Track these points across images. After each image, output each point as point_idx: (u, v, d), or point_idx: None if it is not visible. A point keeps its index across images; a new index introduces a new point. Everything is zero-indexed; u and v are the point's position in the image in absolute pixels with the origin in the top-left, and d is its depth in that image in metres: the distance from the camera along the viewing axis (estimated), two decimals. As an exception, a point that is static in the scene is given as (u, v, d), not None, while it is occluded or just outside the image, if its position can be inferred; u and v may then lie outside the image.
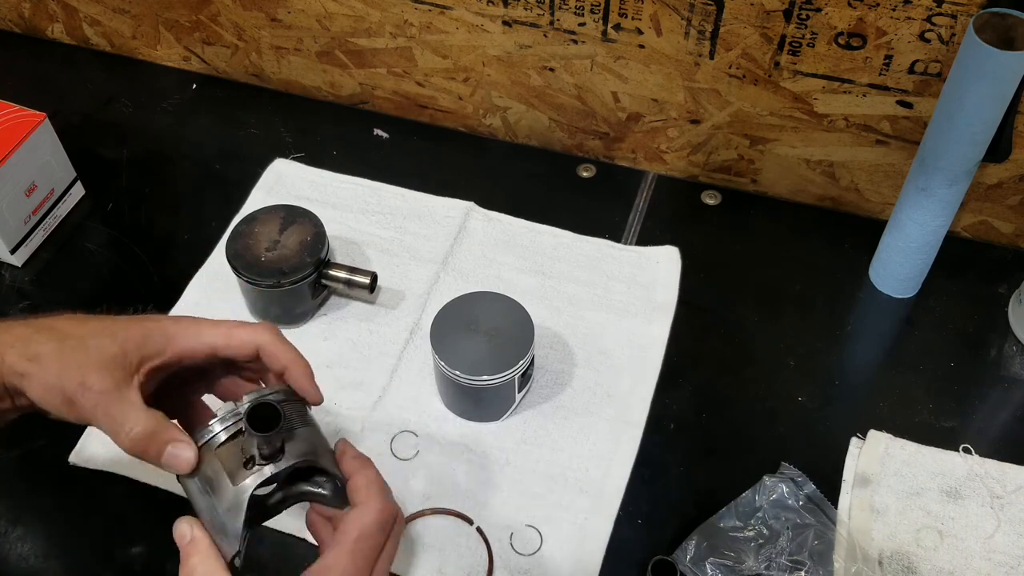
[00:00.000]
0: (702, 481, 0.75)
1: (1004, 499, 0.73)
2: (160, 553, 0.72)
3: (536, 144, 1.01)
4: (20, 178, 0.88)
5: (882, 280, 0.87)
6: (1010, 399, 0.80)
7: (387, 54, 0.98)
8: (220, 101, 1.07)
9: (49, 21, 1.12)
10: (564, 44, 0.90)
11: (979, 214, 0.89)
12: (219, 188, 0.97)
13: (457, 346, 0.75)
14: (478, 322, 0.76)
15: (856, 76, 0.82)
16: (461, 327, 0.76)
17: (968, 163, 0.75)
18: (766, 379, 0.81)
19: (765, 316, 0.86)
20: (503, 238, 0.91)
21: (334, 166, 0.98)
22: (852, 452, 0.76)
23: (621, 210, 0.94)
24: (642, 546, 0.71)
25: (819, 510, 0.71)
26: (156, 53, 1.10)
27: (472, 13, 0.91)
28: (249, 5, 0.99)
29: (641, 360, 0.82)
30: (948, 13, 0.75)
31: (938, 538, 0.72)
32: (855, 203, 0.93)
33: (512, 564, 0.71)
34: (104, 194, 0.97)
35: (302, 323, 0.85)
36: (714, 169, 0.95)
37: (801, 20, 0.80)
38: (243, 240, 0.83)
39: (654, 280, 0.88)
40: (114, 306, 0.87)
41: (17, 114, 0.89)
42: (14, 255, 0.90)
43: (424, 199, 0.95)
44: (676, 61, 0.87)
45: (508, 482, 0.75)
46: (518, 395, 0.77)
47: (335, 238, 0.90)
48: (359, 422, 0.79)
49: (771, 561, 0.69)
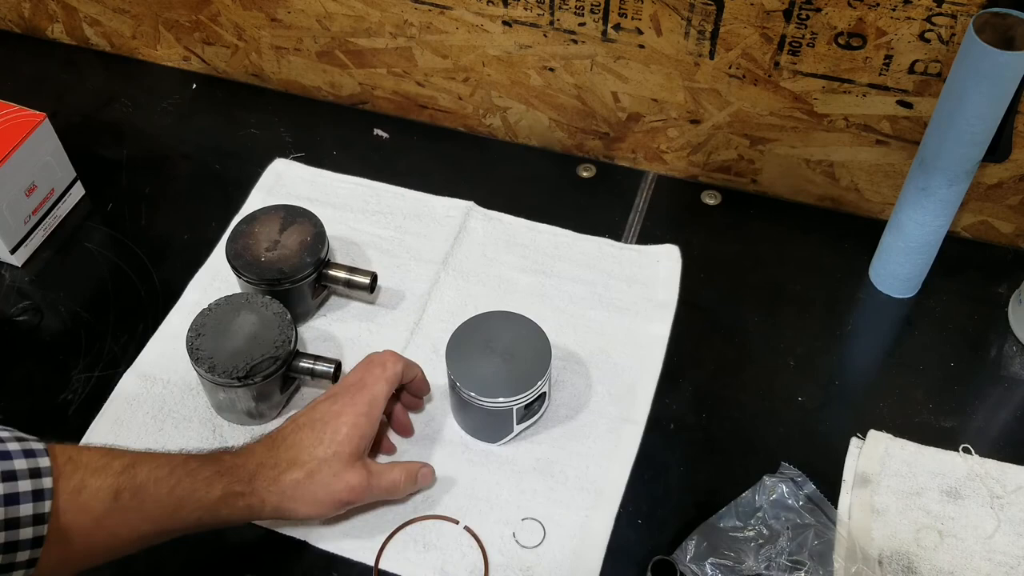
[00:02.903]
0: (702, 481, 0.75)
1: (1004, 499, 0.73)
2: (160, 553, 0.72)
3: (536, 144, 1.01)
4: (20, 178, 0.88)
5: (882, 280, 0.87)
6: (1010, 399, 0.80)
7: (387, 54, 0.98)
8: (220, 101, 1.07)
9: (49, 21, 1.12)
10: (564, 44, 0.90)
11: (979, 214, 0.89)
12: (219, 188, 0.97)
13: (472, 365, 0.74)
14: (495, 342, 0.75)
15: (856, 76, 0.82)
16: (478, 345, 0.75)
17: (968, 163, 0.75)
18: (766, 379, 0.81)
19: (765, 316, 0.86)
20: (503, 238, 0.91)
21: (334, 166, 0.98)
22: (852, 452, 0.76)
23: (621, 210, 0.94)
24: (642, 546, 0.71)
25: (819, 510, 0.71)
26: (156, 53, 1.10)
27: (472, 13, 0.91)
28: (249, 5, 0.99)
29: (641, 359, 0.82)
30: (948, 13, 0.75)
31: (938, 538, 0.72)
32: (855, 203, 0.93)
33: (515, 560, 0.71)
34: (104, 194, 0.97)
35: (302, 323, 0.85)
36: (714, 169, 0.95)
37: (801, 20, 0.80)
38: (243, 240, 0.83)
39: (654, 279, 0.88)
40: (114, 306, 0.88)
41: (17, 114, 0.89)
42: (14, 255, 0.90)
43: (424, 199, 0.95)
44: (676, 61, 0.87)
45: (509, 480, 0.75)
46: (516, 426, 0.76)
47: (335, 238, 0.89)
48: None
49: (771, 561, 0.69)
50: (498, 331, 0.76)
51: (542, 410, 0.78)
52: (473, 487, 0.75)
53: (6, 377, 0.83)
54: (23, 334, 0.86)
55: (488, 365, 0.74)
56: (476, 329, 0.76)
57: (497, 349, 0.75)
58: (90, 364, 0.83)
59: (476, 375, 0.73)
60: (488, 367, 0.74)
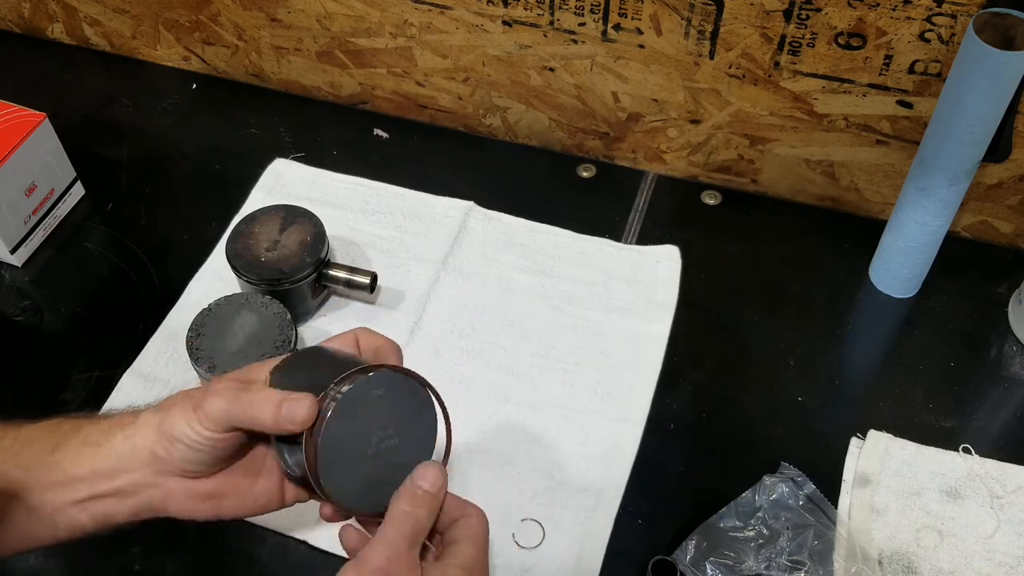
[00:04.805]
0: (702, 481, 0.75)
1: (1004, 499, 0.73)
2: (160, 553, 0.72)
3: (536, 144, 1.01)
4: (20, 178, 0.88)
5: (882, 280, 0.87)
6: (1010, 399, 0.80)
7: (387, 54, 0.98)
8: (220, 101, 1.07)
9: (49, 21, 1.12)
10: (564, 44, 0.90)
11: (979, 214, 0.89)
12: (219, 188, 0.97)
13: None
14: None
15: (856, 76, 0.82)
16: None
17: (968, 163, 0.75)
18: (766, 379, 0.81)
19: (765, 316, 0.86)
20: (503, 238, 0.91)
21: (334, 166, 0.98)
22: (852, 452, 0.76)
23: (621, 210, 0.94)
24: (642, 546, 0.71)
25: (819, 510, 0.71)
26: (156, 53, 1.10)
27: (472, 13, 0.91)
28: (249, 5, 0.99)
29: (641, 359, 0.82)
30: (948, 13, 0.75)
31: (938, 538, 0.72)
32: (855, 203, 0.93)
33: (515, 561, 0.71)
34: (104, 194, 0.97)
35: (302, 323, 0.85)
36: (714, 169, 0.95)
37: (801, 20, 0.80)
38: (243, 240, 0.83)
39: (654, 279, 0.88)
40: (114, 306, 0.88)
41: (17, 114, 0.89)
42: (14, 255, 0.90)
43: (424, 199, 0.95)
44: (676, 61, 0.87)
45: (509, 480, 0.75)
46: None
47: (335, 238, 0.90)
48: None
49: (771, 561, 0.69)
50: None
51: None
52: (473, 487, 0.75)
53: (6, 377, 0.83)
54: (23, 334, 0.86)
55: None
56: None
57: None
58: (90, 364, 0.83)
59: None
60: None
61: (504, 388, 0.80)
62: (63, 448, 0.56)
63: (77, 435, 0.57)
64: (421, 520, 0.52)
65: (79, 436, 0.57)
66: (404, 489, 0.53)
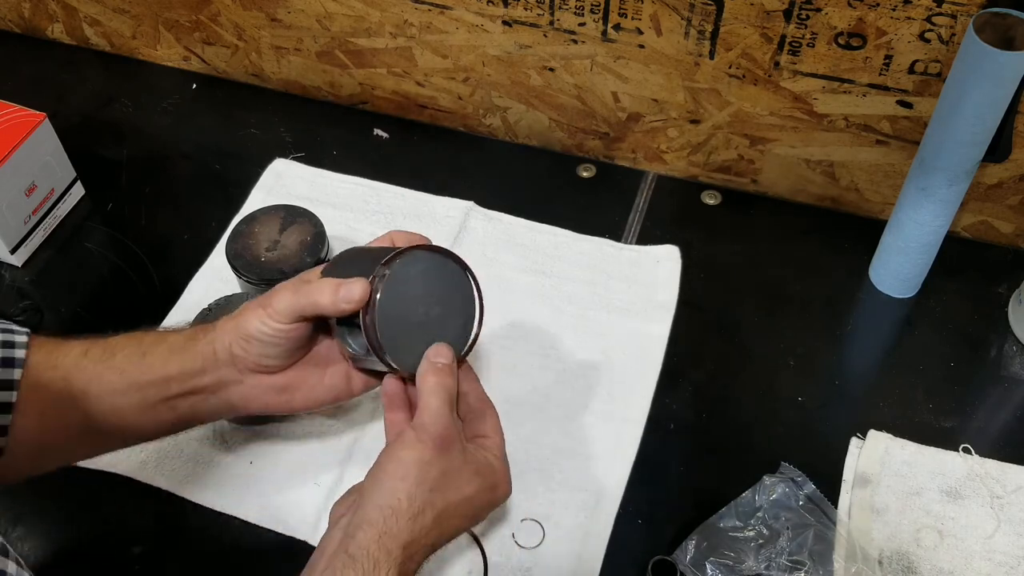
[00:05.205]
0: (702, 481, 0.75)
1: (1004, 499, 0.73)
2: (160, 553, 0.72)
3: (536, 144, 1.01)
4: (20, 178, 0.88)
5: (882, 280, 0.87)
6: (1010, 399, 0.80)
7: (387, 54, 0.98)
8: (220, 101, 1.07)
9: (49, 21, 1.12)
10: (564, 44, 0.90)
11: (979, 214, 0.89)
12: (219, 188, 0.97)
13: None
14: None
15: (856, 76, 0.82)
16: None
17: (968, 163, 0.75)
18: (766, 379, 0.81)
19: (765, 316, 0.86)
20: (503, 238, 0.91)
21: (334, 166, 0.98)
22: (852, 452, 0.76)
23: (621, 210, 0.94)
24: (642, 546, 0.71)
25: (819, 510, 0.71)
26: (156, 53, 1.10)
27: (472, 13, 0.91)
28: (249, 5, 0.99)
29: (641, 359, 0.82)
30: (948, 13, 0.75)
31: (938, 538, 0.72)
32: (855, 203, 0.93)
33: (514, 561, 0.71)
34: (104, 194, 0.97)
35: (302, 323, 0.85)
36: (714, 169, 0.95)
37: (801, 20, 0.80)
38: (243, 240, 0.83)
39: (654, 279, 0.88)
40: (114, 306, 0.88)
41: (17, 114, 0.89)
42: (14, 255, 0.90)
43: (424, 199, 0.95)
44: (676, 61, 0.87)
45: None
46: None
47: (335, 238, 0.89)
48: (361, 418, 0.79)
49: (771, 561, 0.69)
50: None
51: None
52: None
53: (6, 377, 0.83)
54: (23, 334, 0.86)
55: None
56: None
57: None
58: (90, 364, 0.83)
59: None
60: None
61: (504, 388, 0.80)
62: (151, 353, 0.63)
63: (164, 343, 0.64)
64: (450, 387, 0.61)
65: (165, 343, 0.64)
66: (427, 366, 0.61)
